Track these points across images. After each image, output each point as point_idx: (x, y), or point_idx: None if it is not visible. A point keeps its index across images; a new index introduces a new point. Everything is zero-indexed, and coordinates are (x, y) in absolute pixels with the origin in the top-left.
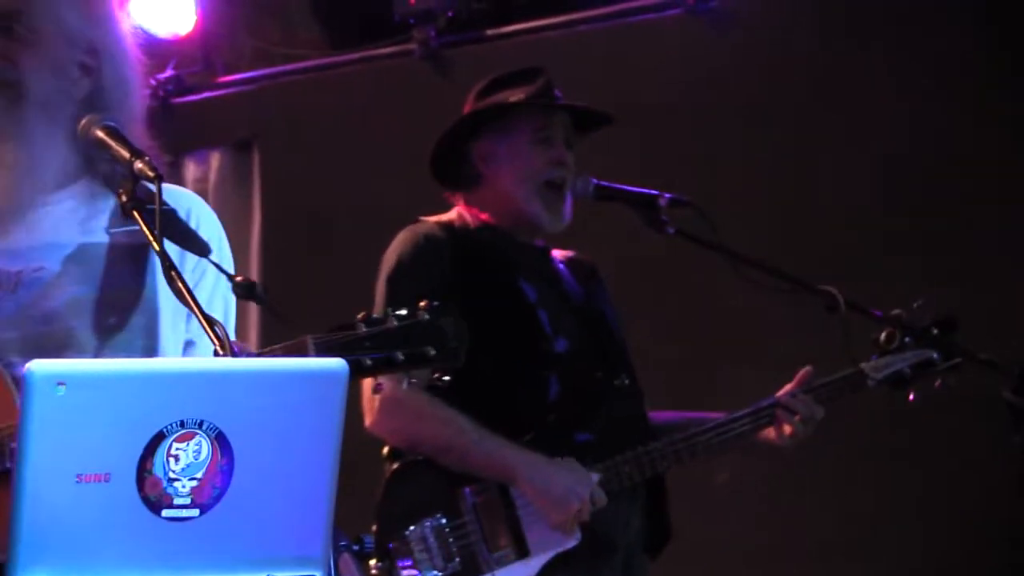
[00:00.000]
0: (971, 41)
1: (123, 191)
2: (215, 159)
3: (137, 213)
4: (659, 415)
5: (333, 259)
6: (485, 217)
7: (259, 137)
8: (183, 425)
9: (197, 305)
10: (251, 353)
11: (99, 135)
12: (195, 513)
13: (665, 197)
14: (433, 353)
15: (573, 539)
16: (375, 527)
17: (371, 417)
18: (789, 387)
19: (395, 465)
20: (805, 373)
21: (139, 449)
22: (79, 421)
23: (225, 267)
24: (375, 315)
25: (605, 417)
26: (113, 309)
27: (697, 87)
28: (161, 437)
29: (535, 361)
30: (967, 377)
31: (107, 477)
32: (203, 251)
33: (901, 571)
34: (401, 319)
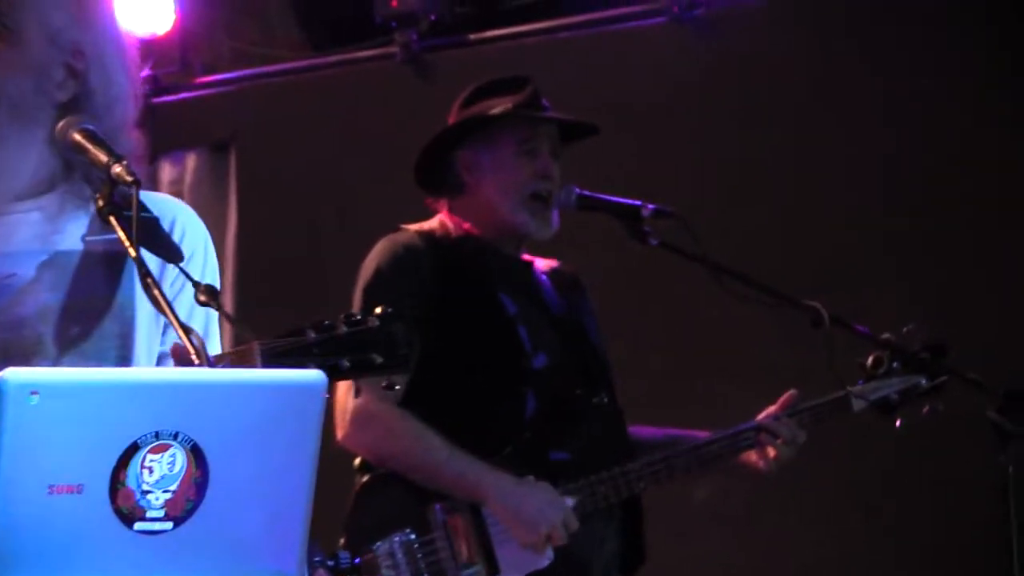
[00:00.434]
0: (970, 41)
1: (100, 196)
2: (191, 160)
3: (114, 218)
4: (640, 431)
5: (310, 264)
6: (467, 226)
7: (237, 139)
8: (158, 436)
9: (174, 314)
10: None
11: (76, 138)
12: (168, 526)
13: (648, 208)
14: (380, 361)
15: (545, 559)
16: (343, 541)
17: (342, 431)
18: (772, 410)
19: (365, 478)
20: (789, 396)
21: (112, 460)
22: (52, 431)
23: (211, 277)
24: (325, 322)
25: (582, 435)
26: (81, 317)
27: (681, 95)
28: (135, 448)
29: (512, 377)
30: (952, 396)
31: (80, 488)
32: (172, 258)
33: None
34: (351, 325)
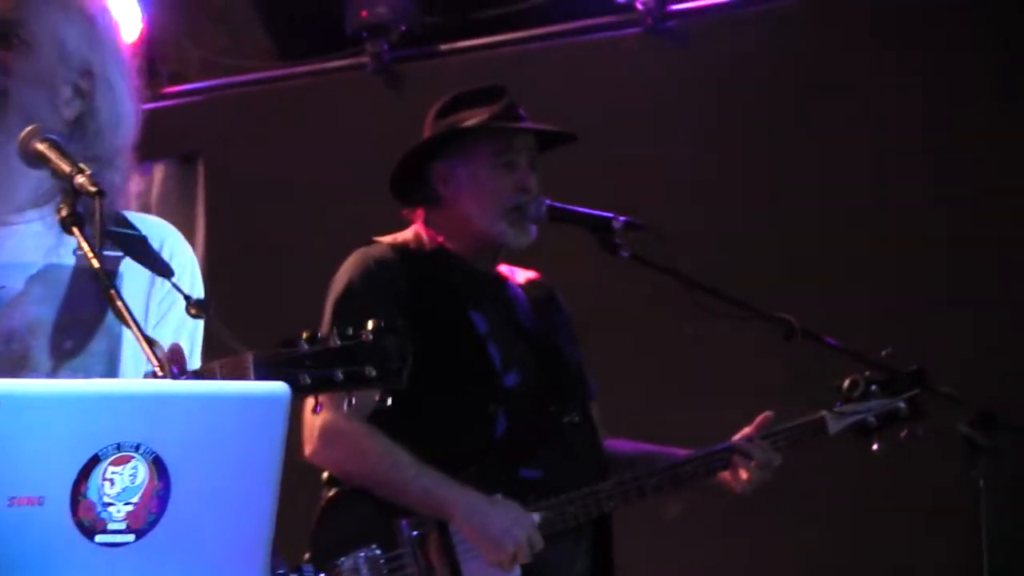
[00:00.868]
0: (943, 61)
1: (63, 206)
2: (159, 172)
3: (77, 229)
4: (617, 445)
5: (280, 277)
6: (442, 240)
7: (205, 150)
8: (119, 448)
9: (136, 324)
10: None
11: (39, 148)
12: (130, 539)
13: (619, 220)
14: (374, 374)
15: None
16: (308, 555)
17: (310, 447)
18: (747, 431)
19: (331, 493)
20: (764, 418)
21: (74, 472)
22: (13, 443)
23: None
24: (320, 334)
25: (553, 453)
26: (72, 332)
27: (654, 106)
28: (96, 460)
29: (483, 396)
30: (924, 409)
31: (40, 501)
32: (165, 273)
33: None
34: (344, 338)
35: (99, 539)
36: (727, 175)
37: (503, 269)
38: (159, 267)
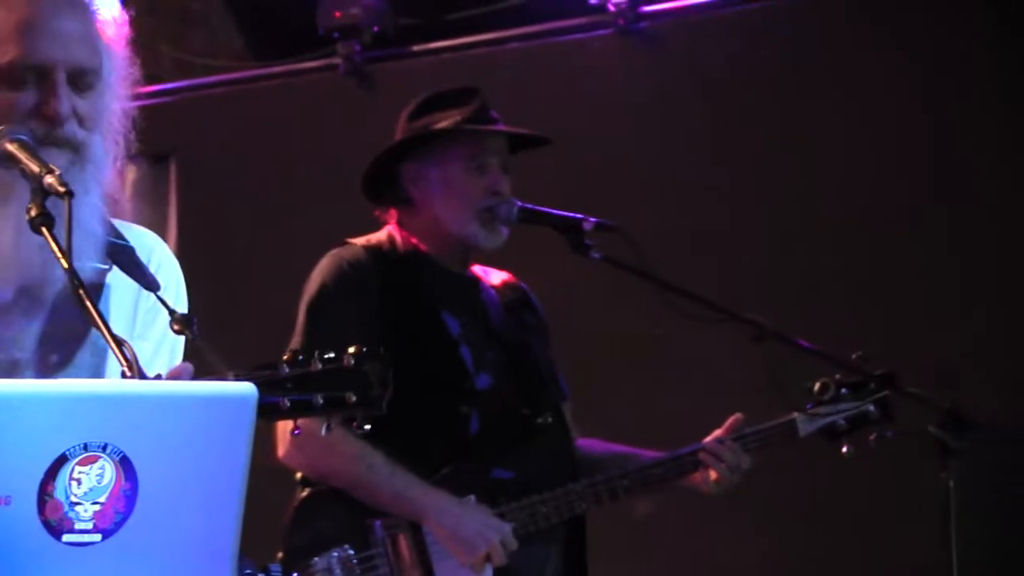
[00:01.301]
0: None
1: (33, 205)
2: (130, 173)
3: (45, 230)
4: (590, 446)
5: (252, 277)
6: (415, 241)
7: (177, 151)
8: (86, 448)
9: (106, 326)
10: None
11: (8, 148)
12: (97, 538)
13: (590, 221)
14: (354, 399)
15: None
16: (281, 555)
17: (283, 448)
18: (718, 433)
19: (304, 493)
20: (735, 420)
21: (40, 472)
22: None
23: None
24: (301, 356)
25: (526, 455)
26: (58, 345)
27: (626, 107)
28: (63, 460)
29: (455, 398)
30: (894, 411)
31: (7, 500)
32: (152, 286)
33: None
34: (326, 362)
35: (66, 539)
36: (700, 176)
37: (477, 270)
38: (145, 280)
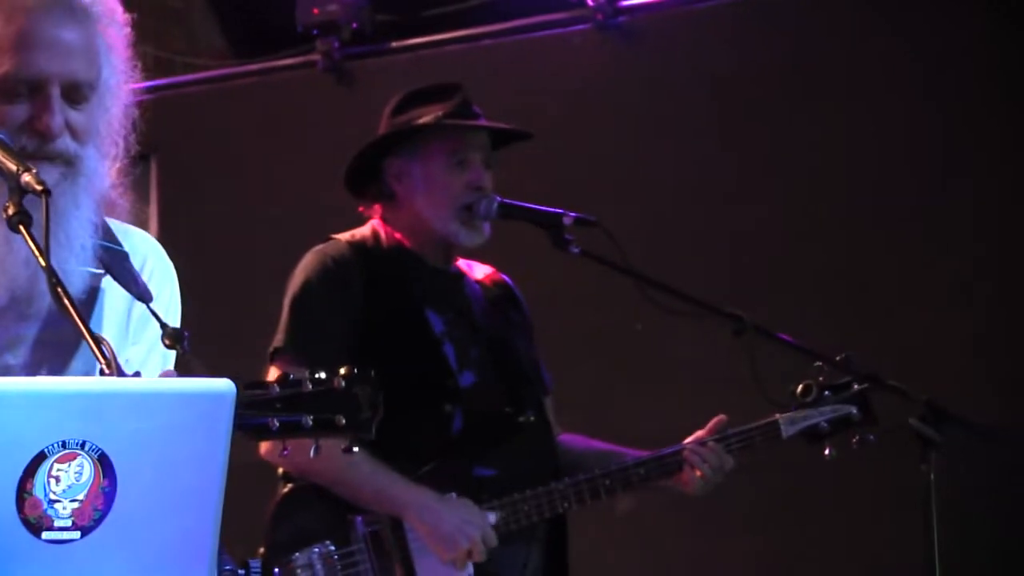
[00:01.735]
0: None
1: (10, 204)
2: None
3: (23, 228)
4: (569, 441)
5: (233, 274)
6: (399, 237)
7: (158, 149)
8: (65, 446)
9: (84, 323)
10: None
11: None
12: (76, 536)
13: (570, 216)
14: (343, 422)
15: (464, 573)
16: (262, 551)
17: (265, 446)
18: (701, 434)
19: (285, 489)
20: (717, 421)
21: (19, 470)
22: None
23: (172, 318)
24: (291, 376)
25: (508, 453)
26: (52, 351)
27: (605, 102)
28: (42, 457)
29: (439, 395)
30: (874, 403)
31: None
32: (143, 297)
33: None
34: (316, 383)
35: (45, 536)
36: (680, 170)
37: (461, 264)
38: (137, 290)
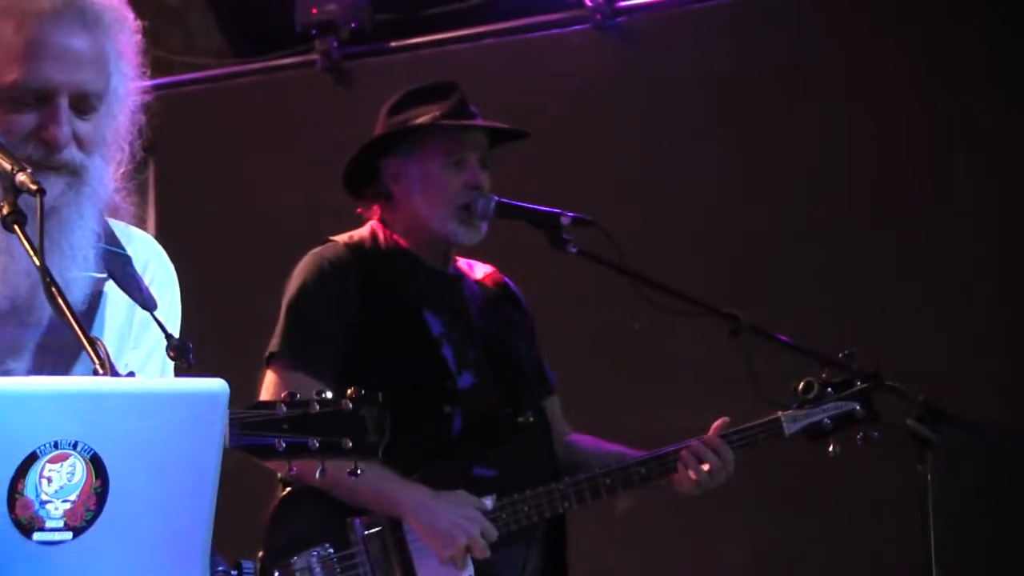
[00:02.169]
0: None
1: (4, 204)
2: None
3: (18, 228)
4: (581, 442)
5: (231, 274)
6: (398, 238)
7: (156, 148)
8: (56, 446)
9: (78, 324)
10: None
11: None
12: (68, 536)
13: (567, 216)
14: (350, 445)
15: (465, 573)
16: (261, 554)
17: None
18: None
19: (284, 492)
20: (720, 423)
21: (11, 470)
22: None
23: (173, 322)
24: (297, 396)
25: (508, 453)
26: (54, 356)
27: (603, 102)
28: (34, 458)
29: (438, 397)
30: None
31: None
32: (147, 305)
33: None
34: (323, 404)
35: (37, 537)
36: (677, 170)
37: (461, 264)
38: (141, 298)
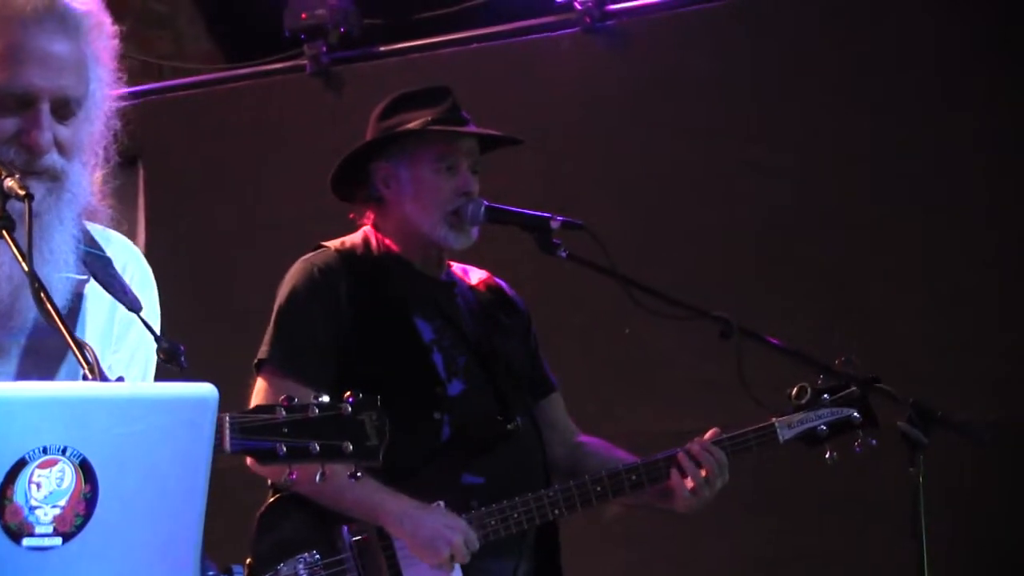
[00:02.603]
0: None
1: None
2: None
3: (6, 233)
4: (595, 447)
5: (221, 279)
6: (389, 243)
7: (145, 153)
8: (45, 452)
9: (67, 328)
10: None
11: None
12: (57, 542)
13: (557, 220)
14: (351, 449)
15: None
16: (249, 560)
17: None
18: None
19: (272, 498)
20: (713, 433)
21: (0, 476)
22: None
23: (153, 322)
24: (295, 400)
25: (497, 460)
26: (40, 360)
27: (593, 105)
28: (23, 464)
29: (427, 403)
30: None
31: None
32: (134, 307)
33: None
34: (323, 408)
35: (26, 543)
36: (667, 173)
37: (456, 269)
38: (127, 299)
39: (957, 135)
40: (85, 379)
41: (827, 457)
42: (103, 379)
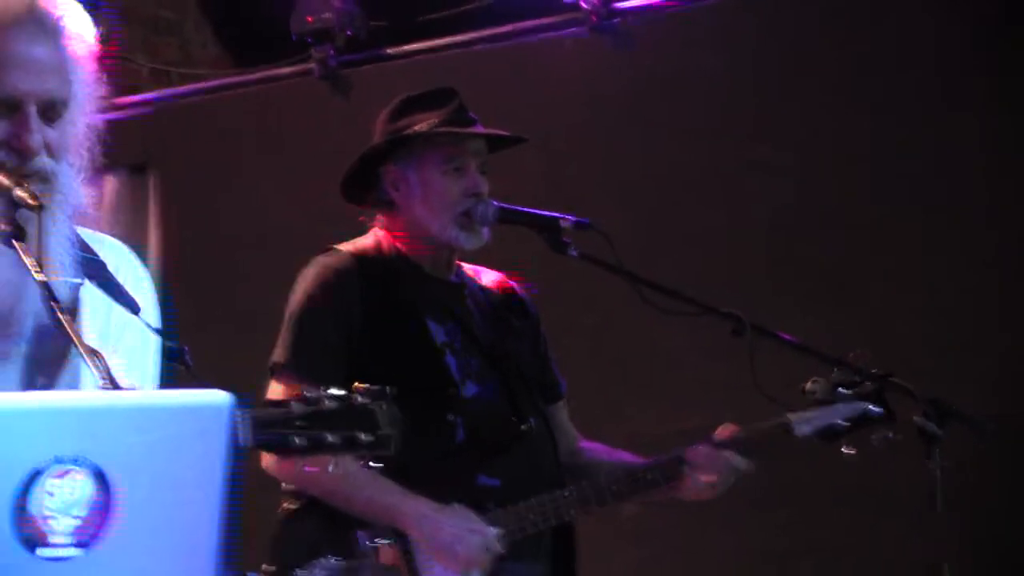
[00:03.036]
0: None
1: (3, 220)
2: (109, 183)
3: (17, 243)
4: (597, 451)
5: (233, 284)
6: (400, 246)
7: (155, 160)
8: (60, 462)
9: (78, 338)
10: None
11: None
12: (73, 552)
13: (567, 220)
14: (364, 439)
15: None
16: (269, 568)
17: (266, 458)
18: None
19: (291, 505)
20: (727, 430)
21: (14, 487)
22: None
23: (154, 323)
24: (309, 394)
25: (512, 462)
26: (43, 366)
27: (599, 106)
28: (37, 474)
29: (442, 406)
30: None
31: None
32: (133, 308)
33: None
34: (336, 400)
35: (41, 553)
36: (675, 172)
37: (468, 270)
38: (126, 301)
39: (957, 135)
40: (100, 388)
41: (845, 452)
42: (116, 388)
